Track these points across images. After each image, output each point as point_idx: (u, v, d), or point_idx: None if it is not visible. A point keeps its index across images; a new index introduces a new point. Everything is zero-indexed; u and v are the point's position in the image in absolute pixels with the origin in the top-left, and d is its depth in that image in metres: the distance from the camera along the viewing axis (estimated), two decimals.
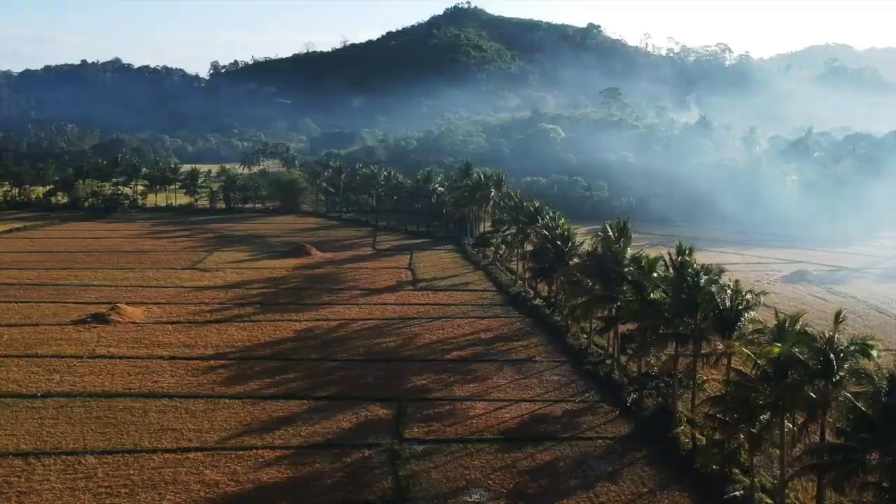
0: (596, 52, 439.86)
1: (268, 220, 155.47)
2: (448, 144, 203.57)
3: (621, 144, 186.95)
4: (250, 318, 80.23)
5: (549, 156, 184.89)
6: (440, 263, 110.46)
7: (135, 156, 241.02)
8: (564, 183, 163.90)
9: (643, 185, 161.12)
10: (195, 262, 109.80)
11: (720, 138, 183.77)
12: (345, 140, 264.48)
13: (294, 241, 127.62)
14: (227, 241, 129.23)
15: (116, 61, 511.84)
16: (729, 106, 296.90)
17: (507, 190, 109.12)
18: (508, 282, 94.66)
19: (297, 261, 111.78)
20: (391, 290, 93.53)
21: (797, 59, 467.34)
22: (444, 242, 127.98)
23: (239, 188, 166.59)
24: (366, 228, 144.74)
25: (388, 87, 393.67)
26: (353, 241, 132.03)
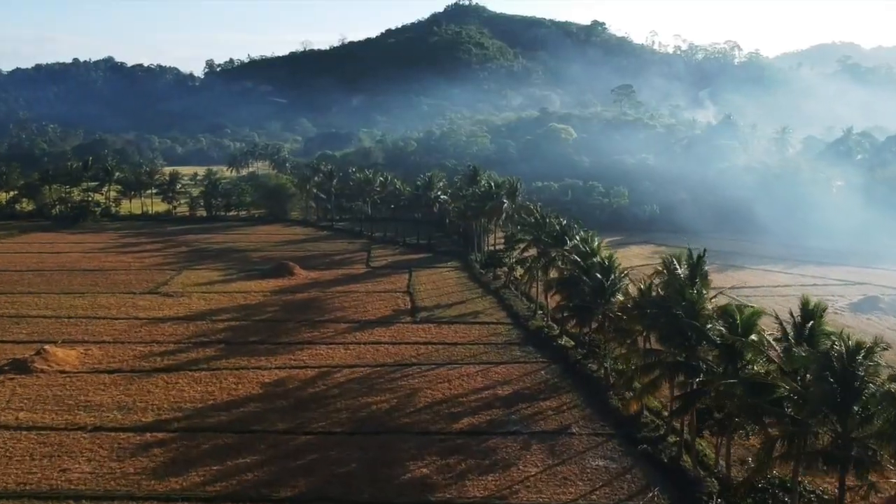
0: (601, 50, 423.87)
1: (251, 231, 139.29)
2: (450, 145, 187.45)
3: (638, 146, 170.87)
4: (210, 363, 64.19)
5: (561, 158, 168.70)
6: (444, 285, 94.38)
7: (116, 158, 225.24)
8: (579, 188, 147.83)
9: (666, 191, 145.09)
10: (159, 285, 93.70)
11: (746, 139, 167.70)
12: (340, 141, 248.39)
13: (276, 257, 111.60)
14: (201, 257, 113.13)
15: (109, 60, 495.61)
16: (744, 104, 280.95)
17: (522, 200, 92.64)
18: (526, 312, 78.57)
19: (277, 282, 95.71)
20: (386, 322, 77.42)
21: (804, 58, 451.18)
22: (447, 258, 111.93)
23: (221, 194, 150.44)
24: (359, 240, 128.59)
25: (386, 85, 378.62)
26: (345, 255, 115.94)
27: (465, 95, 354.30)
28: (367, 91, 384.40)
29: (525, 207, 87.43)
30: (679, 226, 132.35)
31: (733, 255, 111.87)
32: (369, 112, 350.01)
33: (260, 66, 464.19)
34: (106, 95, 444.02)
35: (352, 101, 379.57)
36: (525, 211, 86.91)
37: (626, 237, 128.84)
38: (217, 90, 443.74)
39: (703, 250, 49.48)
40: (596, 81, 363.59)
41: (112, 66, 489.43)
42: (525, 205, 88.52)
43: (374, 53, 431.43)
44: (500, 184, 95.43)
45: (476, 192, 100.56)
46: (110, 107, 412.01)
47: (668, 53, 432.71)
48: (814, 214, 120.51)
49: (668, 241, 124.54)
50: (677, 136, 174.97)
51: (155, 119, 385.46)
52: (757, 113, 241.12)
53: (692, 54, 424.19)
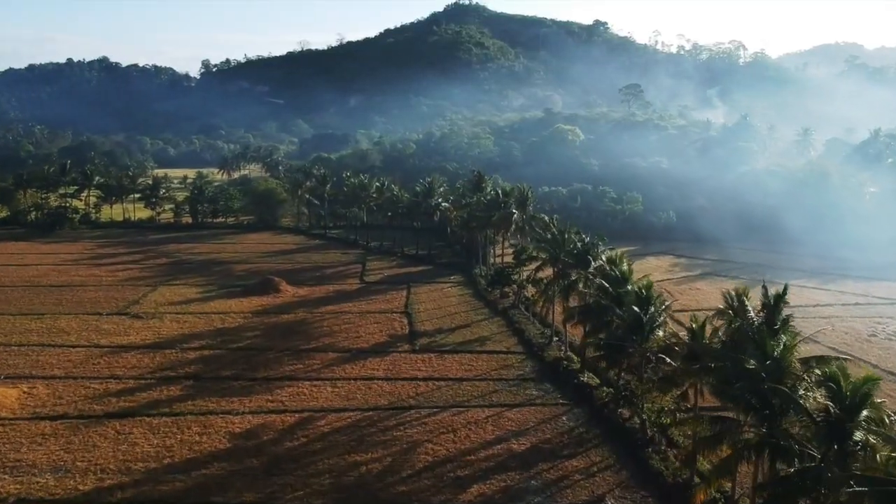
0: (604, 50, 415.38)
1: (238, 239, 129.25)
2: (451, 148, 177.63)
3: (649, 148, 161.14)
4: (173, 406, 54.33)
5: (568, 161, 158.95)
6: (445, 304, 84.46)
7: (103, 160, 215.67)
8: (588, 193, 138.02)
9: (682, 197, 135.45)
10: (130, 304, 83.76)
11: (764, 141, 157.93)
12: (336, 142, 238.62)
13: (263, 270, 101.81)
14: (181, 270, 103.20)
15: (103, 60, 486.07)
16: (754, 105, 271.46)
17: (534, 211, 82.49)
18: (540, 339, 68.67)
19: (260, 301, 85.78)
20: (380, 351, 67.53)
21: (807, 59, 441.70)
22: (448, 271, 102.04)
23: (207, 200, 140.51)
24: (354, 250, 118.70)
25: (385, 86, 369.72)
26: (337, 268, 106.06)
27: (466, 96, 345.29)
28: (366, 91, 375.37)
29: (538, 219, 77.67)
30: (698, 235, 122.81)
31: (762, 269, 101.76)
32: (367, 113, 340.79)
33: (256, 66, 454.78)
34: (99, 96, 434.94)
35: (349, 102, 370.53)
36: (538, 223, 77.09)
37: (642, 247, 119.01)
38: (213, 91, 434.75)
39: (785, 287, 39.53)
40: (599, 82, 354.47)
41: (106, 67, 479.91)
42: (537, 215, 78.69)
43: (373, 53, 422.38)
44: (509, 191, 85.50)
45: (481, 200, 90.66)
46: (104, 107, 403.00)
47: (671, 53, 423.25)
48: (846, 223, 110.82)
49: (689, 252, 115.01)
50: (690, 137, 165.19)
51: (149, 120, 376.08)
52: (767, 114, 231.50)
53: (696, 54, 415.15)
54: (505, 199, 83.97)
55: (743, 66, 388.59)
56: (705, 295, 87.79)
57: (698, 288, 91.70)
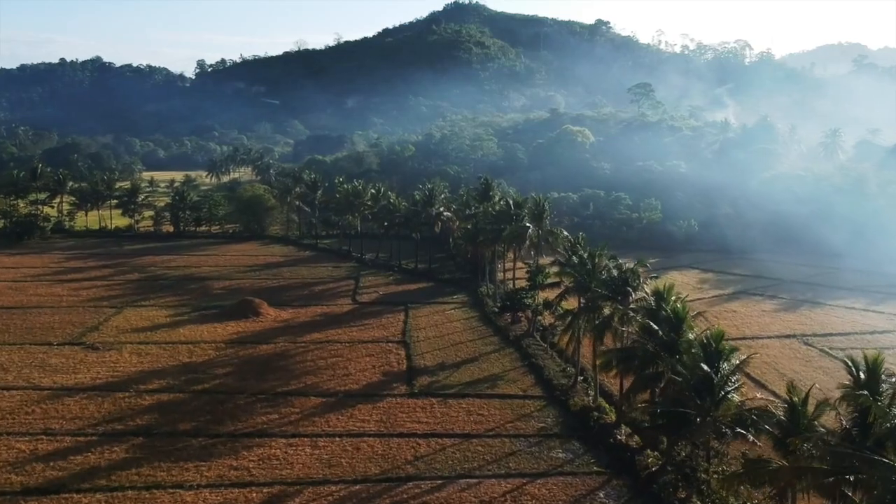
0: (607, 50, 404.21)
1: (221, 250, 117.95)
2: (452, 150, 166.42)
3: (663, 150, 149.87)
4: (111, 477, 43.21)
5: (578, 165, 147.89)
6: (449, 331, 73.30)
7: (87, 163, 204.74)
8: (601, 200, 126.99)
9: (703, 204, 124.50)
10: (87, 331, 72.63)
11: (786, 143, 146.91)
12: (332, 144, 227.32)
13: (244, 288, 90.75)
14: (153, 288, 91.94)
15: (97, 60, 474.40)
16: (766, 105, 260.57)
17: (552, 225, 70.82)
18: (563, 378, 57.56)
19: (237, 327, 74.62)
20: (372, 394, 56.40)
21: (812, 59, 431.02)
22: (451, 289, 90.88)
23: (190, 207, 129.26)
24: (347, 264, 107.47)
25: (383, 86, 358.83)
26: (328, 284, 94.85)
27: (466, 97, 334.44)
28: (363, 92, 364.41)
29: (556, 235, 66.55)
30: (724, 245, 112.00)
31: (800, 286, 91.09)
32: (365, 114, 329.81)
33: (252, 66, 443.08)
34: (91, 96, 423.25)
35: (347, 103, 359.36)
36: (561, 241, 66.08)
37: (663, 259, 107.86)
38: (208, 91, 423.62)
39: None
40: (603, 82, 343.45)
41: (99, 67, 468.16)
42: (555, 230, 67.32)
43: (371, 53, 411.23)
44: (521, 202, 73.98)
45: (489, 210, 79.42)
46: (95, 108, 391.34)
47: (675, 53, 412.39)
48: (890, 234, 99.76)
49: (716, 265, 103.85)
50: (707, 139, 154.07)
51: (141, 121, 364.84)
52: (781, 114, 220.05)
53: (701, 53, 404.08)
54: (517, 211, 72.67)
55: (749, 66, 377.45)
56: (744, 319, 76.84)
57: (734, 310, 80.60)
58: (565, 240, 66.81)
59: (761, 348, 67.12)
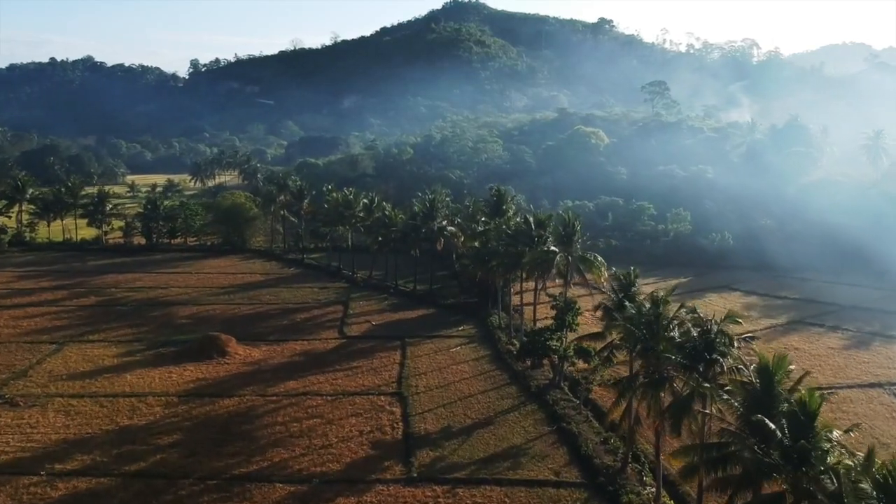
0: (610, 49, 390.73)
1: (196, 267, 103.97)
2: (453, 153, 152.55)
3: (684, 153, 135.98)
4: None
5: (591, 169, 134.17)
6: (455, 378, 59.43)
7: (64, 166, 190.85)
8: (620, 209, 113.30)
9: (735, 214, 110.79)
10: (14, 377, 58.80)
11: (820, 145, 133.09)
12: (325, 146, 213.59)
13: (214, 317, 77.15)
14: (108, 317, 78.01)
15: (88, 59, 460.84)
16: (782, 105, 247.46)
17: (583, 249, 56.23)
18: (606, 455, 43.88)
19: (197, 371, 60.80)
20: (357, 480, 42.57)
21: (817, 58, 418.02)
22: (456, 317, 76.98)
23: (164, 217, 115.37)
24: (336, 284, 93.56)
25: (381, 86, 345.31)
26: (312, 311, 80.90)
27: (465, 97, 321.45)
28: (360, 92, 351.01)
29: (591, 263, 52.53)
30: (764, 262, 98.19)
31: (864, 314, 77.26)
32: (362, 114, 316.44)
33: (247, 65, 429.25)
34: (82, 97, 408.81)
35: (343, 103, 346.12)
36: (595, 269, 52.27)
37: (696, 279, 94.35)
38: (201, 91, 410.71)
39: None
40: (607, 81, 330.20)
41: (91, 66, 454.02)
42: (589, 256, 53.15)
43: (368, 53, 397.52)
44: (544, 221, 59.26)
45: (503, 228, 65.37)
46: (85, 108, 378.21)
47: (681, 52, 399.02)
48: None
49: (759, 287, 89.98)
50: (733, 141, 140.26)
51: (132, 122, 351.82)
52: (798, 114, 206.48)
53: (707, 52, 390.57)
54: (539, 232, 58.68)
55: (757, 65, 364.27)
56: (812, 360, 63.02)
57: (796, 347, 66.72)
58: (599, 267, 53.18)
59: (844, 403, 53.73)
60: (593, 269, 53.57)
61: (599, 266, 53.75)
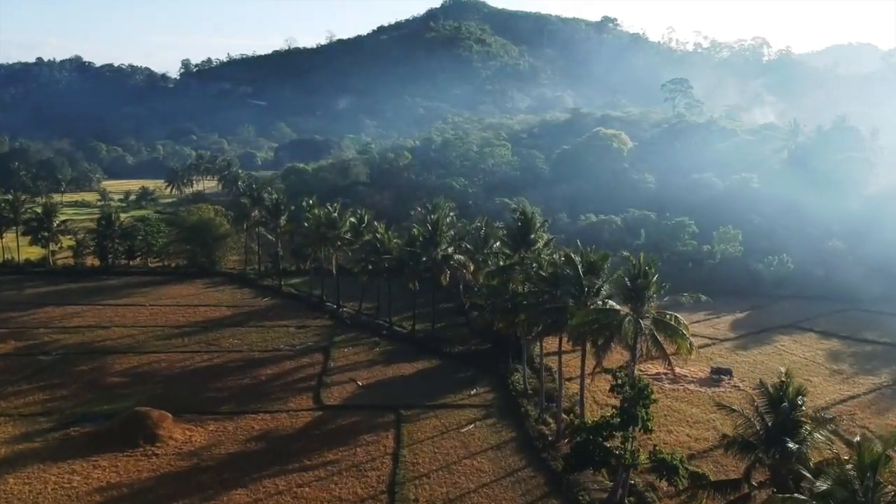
0: (614, 48, 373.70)
1: (154, 296, 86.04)
2: (456, 158, 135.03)
3: (717, 159, 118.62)
4: None
5: (614, 177, 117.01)
6: (471, 483, 41.81)
7: (31, 172, 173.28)
8: (653, 225, 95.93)
9: (787, 231, 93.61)
10: None
11: (873, 150, 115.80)
12: (317, 150, 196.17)
13: (157, 372, 59.64)
14: (20, 372, 60.06)
15: (76, 59, 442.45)
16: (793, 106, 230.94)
17: (659, 309, 38.38)
18: None
19: (109, 470, 43.16)
20: None
21: (823, 58, 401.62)
22: (466, 372, 59.59)
23: (121, 235, 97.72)
24: (317, 321, 75.71)
25: (377, 86, 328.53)
26: (283, 364, 63.05)
27: (466, 97, 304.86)
28: (356, 93, 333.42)
29: (677, 334, 35.02)
30: (830, 291, 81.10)
31: None
32: (357, 116, 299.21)
33: (239, 65, 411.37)
34: (68, 97, 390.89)
35: (338, 104, 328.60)
36: (681, 344, 34.88)
37: (755, 313, 76.94)
38: (191, 92, 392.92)
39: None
40: (614, 81, 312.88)
41: (79, 66, 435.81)
42: (669, 319, 35.68)
43: (364, 52, 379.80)
44: (597, 262, 40.48)
45: (532, 268, 47.55)
46: (70, 109, 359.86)
47: (688, 52, 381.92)
48: None
49: (838, 326, 72.37)
50: (772, 145, 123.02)
51: (118, 123, 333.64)
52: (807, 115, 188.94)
53: (716, 52, 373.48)
54: (591, 280, 40.75)
55: (767, 65, 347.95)
56: None
57: None
58: (684, 337, 35.73)
59: None
60: (677, 339, 36.28)
61: (684, 335, 36.34)
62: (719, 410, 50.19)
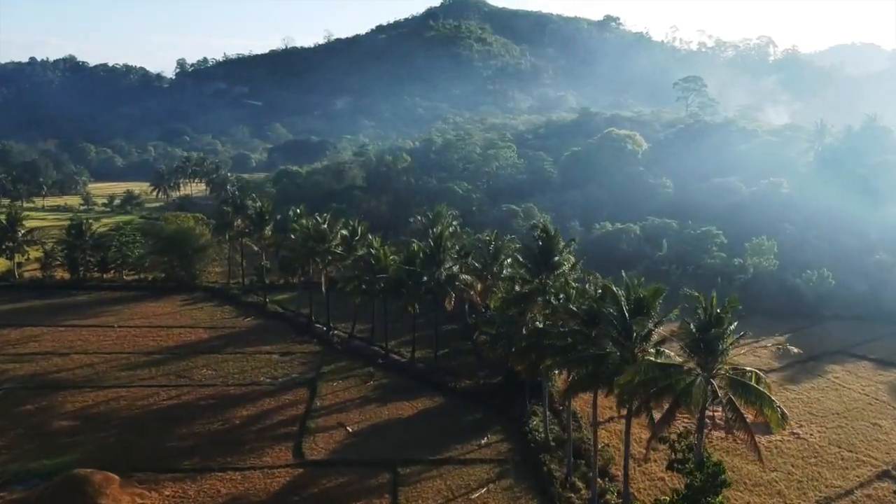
0: (617, 47, 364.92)
1: (123, 316, 76.98)
2: (458, 160, 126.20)
3: (738, 162, 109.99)
4: None
5: (629, 182, 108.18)
6: None
7: (10, 176, 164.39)
8: (674, 234, 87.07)
9: (822, 242, 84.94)
10: None
11: None
12: (312, 151, 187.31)
13: (114, 413, 50.81)
14: None
15: (70, 59, 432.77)
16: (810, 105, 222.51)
17: (736, 364, 29.79)
18: None
19: None
20: None
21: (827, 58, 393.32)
22: (474, 414, 50.83)
23: (92, 246, 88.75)
24: (304, 347, 66.82)
25: (376, 86, 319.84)
26: (261, 402, 54.06)
27: (466, 97, 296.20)
28: (354, 93, 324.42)
29: (756, 394, 26.55)
30: (880, 310, 72.14)
31: None
32: (355, 116, 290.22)
33: (235, 65, 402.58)
34: (61, 97, 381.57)
35: (336, 104, 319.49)
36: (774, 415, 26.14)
37: (796, 336, 67.87)
38: (187, 92, 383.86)
39: None
40: (618, 81, 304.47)
41: (73, 66, 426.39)
42: (746, 378, 27.08)
43: (363, 51, 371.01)
44: (647, 300, 32.12)
45: (562, 302, 38.81)
46: (62, 110, 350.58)
47: (692, 51, 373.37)
48: None
49: (893, 352, 63.38)
50: (797, 147, 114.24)
51: (111, 124, 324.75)
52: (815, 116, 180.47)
53: (721, 51, 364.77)
54: (642, 323, 31.60)
55: (774, 64, 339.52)
56: None
57: None
58: (769, 402, 27.03)
59: None
60: (763, 407, 27.45)
61: (772, 402, 27.50)
62: (780, 469, 41.80)
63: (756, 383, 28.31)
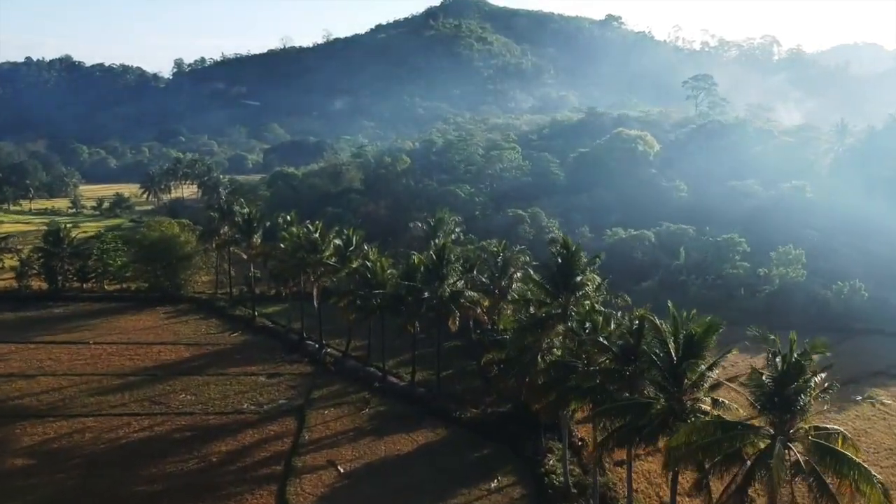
0: (619, 47, 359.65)
1: (100, 331, 71.10)
2: (459, 162, 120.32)
3: (755, 164, 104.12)
4: None
5: (640, 185, 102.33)
6: None
7: (2, 175, 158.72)
8: (692, 241, 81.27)
9: (851, 250, 79.19)
10: None
11: None
12: (308, 152, 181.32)
13: (76, 448, 45.00)
14: None
15: (66, 59, 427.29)
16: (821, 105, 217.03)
17: (818, 423, 24.62)
18: None
19: None
20: None
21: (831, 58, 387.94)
22: (482, 450, 45.05)
23: (70, 255, 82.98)
24: (293, 367, 60.97)
25: (375, 86, 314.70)
26: (242, 435, 48.15)
27: (467, 97, 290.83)
28: (353, 93, 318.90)
29: (844, 461, 21.27)
30: None
31: None
32: (354, 116, 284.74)
33: (233, 65, 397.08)
34: (56, 98, 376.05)
35: (335, 105, 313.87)
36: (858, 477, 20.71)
37: (832, 358, 61.83)
38: (184, 92, 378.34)
39: None
40: (621, 81, 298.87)
41: (69, 66, 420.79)
42: (831, 443, 21.99)
43: (362, 51, 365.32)
44: (699, 338, 26.31)
45: (586, 330, 33.01)
46: (59, 111, 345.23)
47: (695, 50, 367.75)
48: None
49: None
50: (815, 148, 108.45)
51: (107, 124, 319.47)
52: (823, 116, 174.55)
53: (724, 51, 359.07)
54: (693, 366, 25.65)
55: (777, 63, 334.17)
56: None
57: None
58: (857, 467, 21.54)
59: None
60: (860, 481, 21.88)
61: (870, 475, 21.90)
62: None
63: (842, 446, 22.62)
